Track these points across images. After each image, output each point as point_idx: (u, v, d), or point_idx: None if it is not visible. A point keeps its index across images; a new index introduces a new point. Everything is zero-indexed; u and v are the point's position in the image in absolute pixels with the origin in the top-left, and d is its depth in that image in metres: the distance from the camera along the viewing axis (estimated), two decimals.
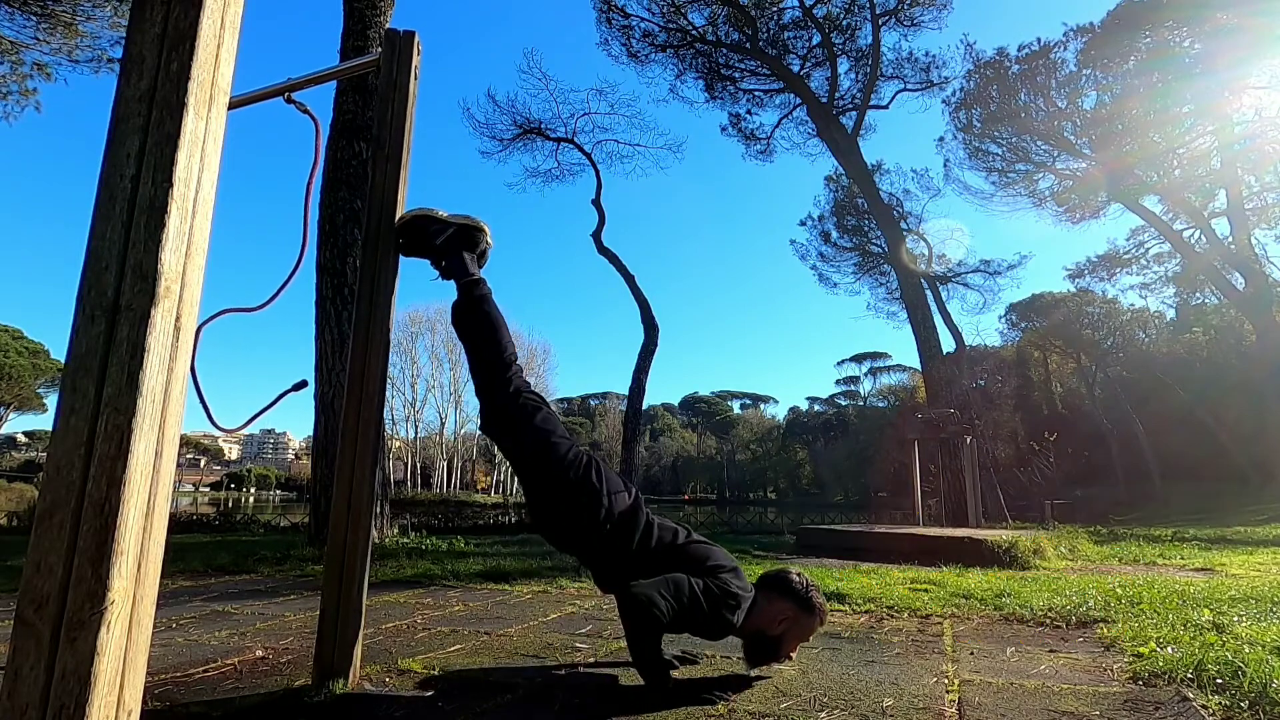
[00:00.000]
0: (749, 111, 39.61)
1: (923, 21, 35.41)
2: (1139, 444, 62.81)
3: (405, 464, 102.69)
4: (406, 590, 7.29)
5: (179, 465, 2.40)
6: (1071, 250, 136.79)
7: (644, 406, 33.50)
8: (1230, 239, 41.35)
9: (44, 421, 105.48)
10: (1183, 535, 18.01)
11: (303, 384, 3.63)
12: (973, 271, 45.30)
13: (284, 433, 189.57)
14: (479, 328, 3.85)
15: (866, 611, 6.19)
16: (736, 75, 38.12)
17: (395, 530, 14.53)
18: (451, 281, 3.97)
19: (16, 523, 21.56)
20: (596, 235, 33.02)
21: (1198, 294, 59.83)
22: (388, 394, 3.96)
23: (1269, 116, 37.63)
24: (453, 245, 3.97)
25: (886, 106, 37.77)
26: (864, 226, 45.44)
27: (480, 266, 4.06)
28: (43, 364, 75.62)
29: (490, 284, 3.99)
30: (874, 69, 35.54)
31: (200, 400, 3.18)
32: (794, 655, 3.98)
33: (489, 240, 4.11)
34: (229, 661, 4.18)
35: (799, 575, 3.94)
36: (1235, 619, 5.26)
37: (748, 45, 36.40)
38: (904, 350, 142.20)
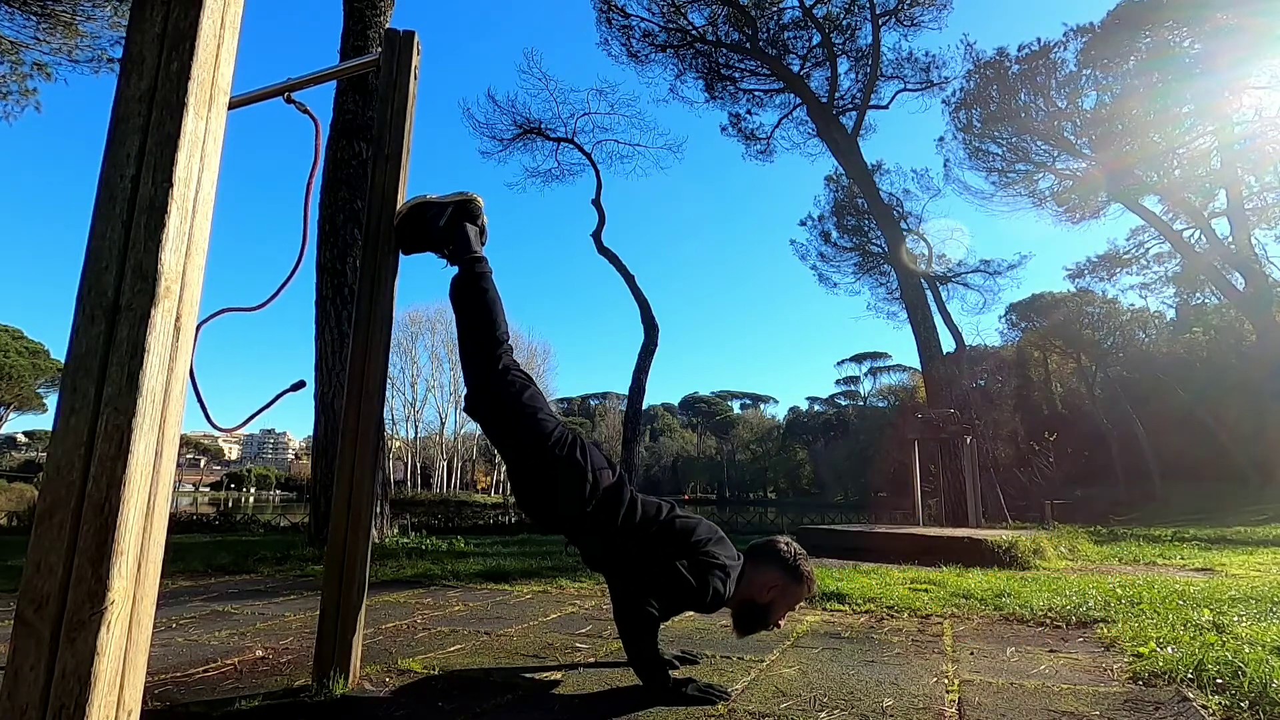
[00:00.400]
0: (749, 111, 39.63)
1: (923, 21, 35.38)
2: (1139, 444, 62.82)
3: (405, 464, 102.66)
4: (406, 590, 7.30)
5: (179, 465, 2.40)
6: (1071, 250, 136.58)
7: (644, 406, 33.62)
8: (1230, 239, 41.30)
9: (44, 421, 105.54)
10: (1183, 535, 17.99)
11: (300, 384, 3.63)
12: (973, 271, 45.40)
13: (284, 433, 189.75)
14: (476, 303, 3.86)
15: (866, 611, 6.19)
16: (736, 75, 38.10)
17: (395, 530, 14.54)
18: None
19: (16, 523, 21.62)
20: (596, 235, 33.14)
21: (1198, 294, 59.83)
22: (388, 394, 3.97)
23: (1269, 116, 37.62)
24: (455, 220, 4.01)
25: (886, 106, 37.70)
26: (864, 226, 45.39)
27: (483, 244, 4.07)
28: (43, 364, 75.60)
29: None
30: (874, 69, 35.50)
31: (198, 399, 3.18)
32: (782, 624, 4.02)
33: (485, 216, 4.13)
34: (229, 661, 4.18)
35: (787, 544, 3.98)
36: (1235, 619, 5.26)
37: (748, 45, 36.37)
38: (904, 350, 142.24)
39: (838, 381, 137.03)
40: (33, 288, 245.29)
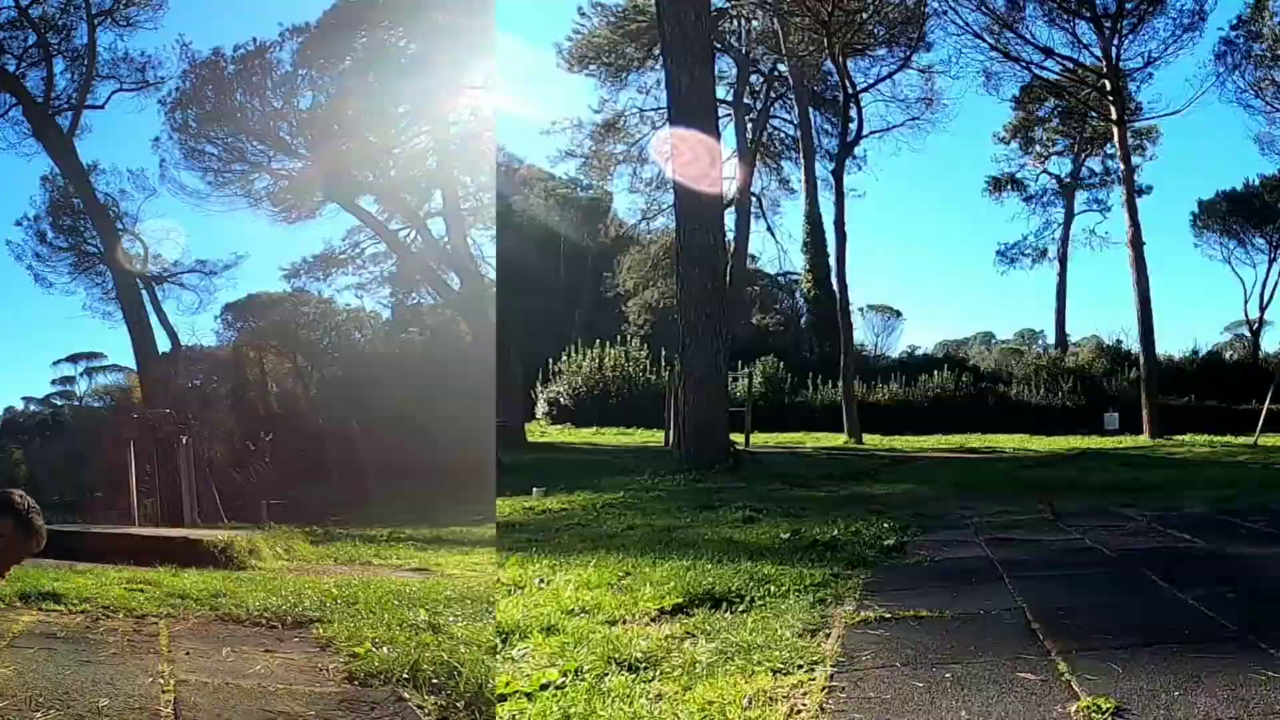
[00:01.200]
0: None
1: (139, 21, 35.89)
2: (356, 444, 64.42)
3: None
4: None
5: None
6: (291, 250, 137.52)
7: None
8: (446, 239, 43.25)
9: None
10: (399, 535, 18.77)
11: None
12: (189, 271, 44.76)
13: None
14: None
15: (82, 611, 6.03)
16: None
17: None
18: None
19: None
20: None
21: (414, 294, 62.21)
22: None
23: (484, 117, 39.20)
24: None
25: (103, 107, 37.44)
26: (80, 226, 43.88)
27: None
28: None
29: None
30: (90, 69, 35.64)
31: None
32: (7, 576, 3.76)
33: None
34: None
35: (22, 497, 3.70)
36: (451, 619, 5.57)
37: None
38: (121, 351, 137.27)
39: (54, 381, 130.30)
40: None
